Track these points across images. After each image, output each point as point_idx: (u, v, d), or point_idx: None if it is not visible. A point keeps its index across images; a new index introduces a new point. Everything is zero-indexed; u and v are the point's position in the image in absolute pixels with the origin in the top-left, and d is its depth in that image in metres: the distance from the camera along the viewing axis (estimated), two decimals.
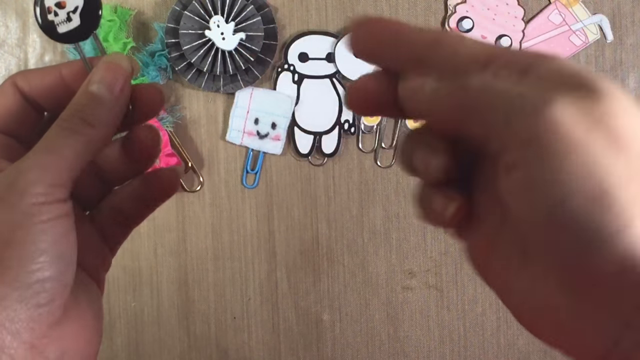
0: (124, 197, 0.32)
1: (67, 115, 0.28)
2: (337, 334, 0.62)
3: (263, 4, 0.58)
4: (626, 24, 0.60)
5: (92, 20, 0.29)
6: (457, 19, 0.59)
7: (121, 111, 0.29)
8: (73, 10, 0.29)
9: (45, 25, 0.29)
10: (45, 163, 0.26)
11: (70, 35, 0.30)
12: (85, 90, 0.28)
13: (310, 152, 0.61)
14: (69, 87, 0.30)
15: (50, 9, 0.29)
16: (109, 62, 0.29)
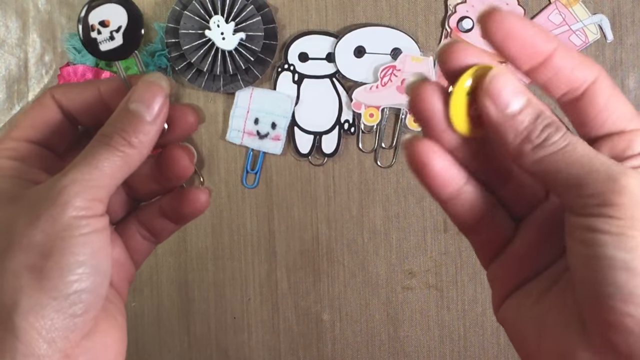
0: (152, 213, 0.33)
1: (108, 132, 0.28)
2: (337, 334, 0.62)
3: (263, 4, 0.58)
4: (626, 24, 0.60)
5: (134, 40, 0.30)
6: (457, 18, 0.59)
7: (159, 130, 0.29)
8: (116, 29, 0.30)
9: (88, 42, 0.30)
10: (86, 178, 0.27)
11: (111, 53, 0.30)
12: (124, 108, 0.29)
13: (310, 152, 0.61)
14: (106, 104, 0.31)
15: (93, 27, 0.30)
16: (148, 82, 0.29)
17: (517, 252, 0.27)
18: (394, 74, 0.60)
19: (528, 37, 0.24)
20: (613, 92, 0.25)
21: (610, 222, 0.21)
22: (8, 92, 0.60)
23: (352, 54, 0.60)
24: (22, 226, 0.26)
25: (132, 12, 0.30)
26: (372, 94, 0.60)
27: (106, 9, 0.30)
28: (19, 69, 0.60)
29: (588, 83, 0.25)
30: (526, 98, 0.24)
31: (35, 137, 0.30)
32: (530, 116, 0.24)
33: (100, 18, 0.30)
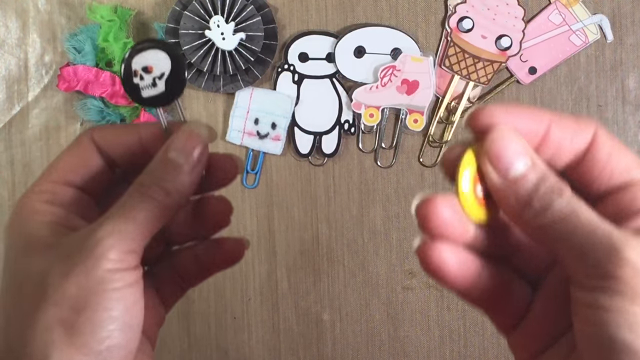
0: (186, 259, 0.33)
1: (145, 181, 0.28)
2: (337, 334, 0.62)
3: (263, 4, 0.58)
4: (626, 24, 0.60)
5: (177, 88, 0.30)
6: (457, 19, 0.59)
7: (197, 180, 0.29)
8: (159, 76, 0.29)
9: (130, 87, 0.29)
10: (122, 229, 0.26)
11: (153, 100, 0.30)
12: (164, 156, 0.28)
13: (311, 152, 0.61)
14: (146, 148, 0.30)
15: (136, 72, 0.29)
16: (188, 130, 0.29)
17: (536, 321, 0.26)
18: (394, 74, 0.60)
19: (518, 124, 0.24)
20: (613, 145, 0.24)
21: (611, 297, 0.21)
22: (8, 92, 0.60)
23: (352, 54, 0.60)
24: (57, 278, 0.26)
25: (176, 60, 0.29)
26: (372, 94, 0.60)
27: (150, 55, 0.29)
28: (19, 69, 0.60)
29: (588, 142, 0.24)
30: (530, 159, 0.24)
31: (73, 180, 0.30)
32: (533, 180, 0.23)
33: (144, 64, 0.29)
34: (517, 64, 0.60)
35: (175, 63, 0.29)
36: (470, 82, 0.60)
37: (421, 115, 0.60)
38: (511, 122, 0.24)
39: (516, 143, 0.24)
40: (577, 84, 0.61)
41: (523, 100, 0.61)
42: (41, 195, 0.29)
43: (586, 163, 0.25)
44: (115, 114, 0.58)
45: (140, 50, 0.29)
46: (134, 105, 0.58)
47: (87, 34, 0.58)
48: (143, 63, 0.29)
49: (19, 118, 0.60)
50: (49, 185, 0.29)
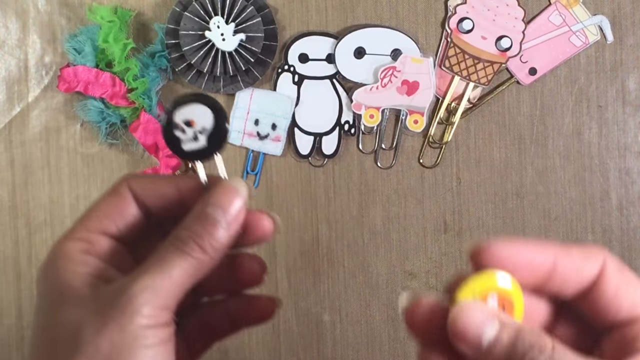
0: (216, 312, 0.32)
1: (182, 236, 0.28)
2: (338, 335, 0.62)
3: (263, 5, 0.58)
4: (626, 25, 0.60)
5: (218, 143, 0.29)
6: (457, 19, 0.59)
7: (234, 236, 0.29)
8: (201, 130, 0.29)
9: (170, 139, 0.29)
10: (156, 285, 0.26)
11: (194, 153, 0.30)
12: (201, 211, 0.28)
13: (311, 153, 0.61)
14: (183, 200, 0.30)
15: (178, 125, 0.29)
16: (227, 186, 0.29)
17: None
18: (394, 74, 0.60)
19: (523, 258, 0.24)
20: (622, 277, 0.24)
21: None
22: (8, 93, 0.60)
23: (352, 55, 0.60)
24: (90, 332, 0.26)
25: (219, 116, 0.29)
26: (372, 95, 0.60)
27: (193, 109, 0.29)
28: (19, 70, 0.60)
29: (595, 274, 0.24)
30: (498, 323, 0.23)
31: (110, 229, 0.30)
32: (506, 344, 0.23)
33: (186, 117, 0.29)
34: (517, 64, 0.60)
35: (217, 118, 0.29)
36: (471, 82, 0.60)
37: (421, 116, 0.60)
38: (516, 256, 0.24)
39: (479, 311, 0.23)
40: (577, 85, 0.61)
41: (523, 101, 0.61)
42: (77, 243, 0.29)
43: (594, 294, 0.24)
44: (115, 115, 0.58)
45: (184, 104, 0.29)
46: (134, 106, 0.58)
47: (87, 34, 0.58)
48: (186, 116, 0.29)
49: (19, 119, 0.60)
50: (86, 234, 0.29)
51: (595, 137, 0.61)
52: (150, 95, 0.58)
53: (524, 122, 0.61)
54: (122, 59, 0.57)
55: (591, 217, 0.61)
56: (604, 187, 0.61)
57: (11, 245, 0.61)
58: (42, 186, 0.61)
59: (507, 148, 0.61)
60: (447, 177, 0.61)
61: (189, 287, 0.28)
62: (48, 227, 0.61)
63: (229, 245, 0.29)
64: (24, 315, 0.61)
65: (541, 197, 0.61)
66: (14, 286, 0.61)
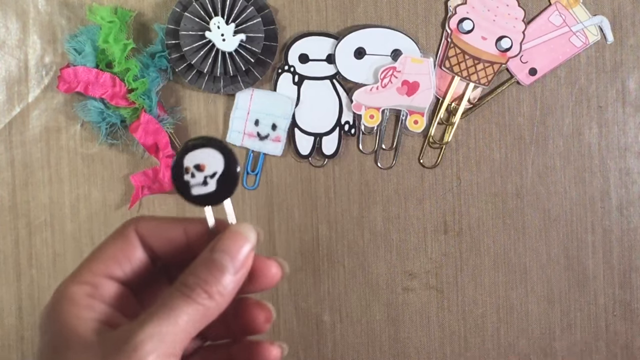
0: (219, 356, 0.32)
1: (189, 282, 0.27)
2: (338, 335, 0.62)
3: (263, 5, 0.58)
4: (626, 25, 0.60)
5: (228, 188, 0.29)
6: (457, 20, 0.59)
7: (241, 282, 0.28)
8: (211, 175, 0.29)
9: (179, 183, 0.29)
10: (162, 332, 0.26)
11: (203, 198, 0.29)
12: (209, 257, 0.28)
13: (311, 153, 0.61)
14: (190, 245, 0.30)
15: (188, 169, 0.28)
16: (235, 232, 0.28)
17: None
18: (394, 75, 0.60)
19: None
20: None
21: None
22: (8, 94, 0.60)
23: (352, 55, 0.60)
24: None
25: (230, 161, 0.29)
26: (373, 95, 0.60)
27: (204, 153, 0.28)
28: (19, 71, 0.60)
29: None
30: None
31: (115, 273, 0.29)
32: None
33: (197, 161, 0.28)
34: (518, 65, 0.60)
35: (228, 163, 0.29)
36: (471, 83, 0.60)
37: (421, 117, 0.60)
38: None
39: None
40: (577, 85, 0.61)
41: (523, 101, 0.61)
42: (82, 287, 0.28)
43: None
44: (115, 115, 0.58)
45: (194, 148, 0.28)
46: (134, 106, 0.58)
47: (88, 35, 0.58)
48: (196, 160, 0.28)
49: (19, 119, 0.60)
50: (91, 277, 0.29)
51: (595, 137, 0.61)
52: (150, 96, 0.58)
53: (524, 123, 0.61)
54: (122, 60, 0.57)
55: (591, 218, 0.61)
56: (604, 188, 0.61)
57: (11, 245, 0.61)
58: (42, 186, 0.61)
59: (507, 148, 0.61)
60: (447, 177, 0.61)
61: (195, 333, 0.28)
62: (48, 227, 0.61)
63: (235, 292, 0.29)
64: (24, 315, 0.61)
65: (541, 197, 0.61)
66: (14, 286, 0.61)
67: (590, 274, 0.61)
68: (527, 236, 0.61)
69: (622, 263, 0.61)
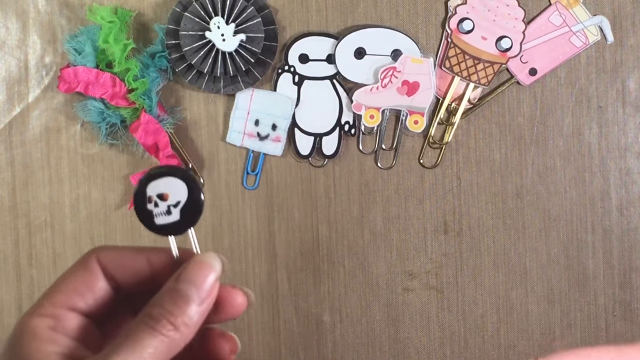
0: None
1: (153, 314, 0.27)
2: (338, 335, 0.62)
3: (263, 5, 0.58)
4: (627, 25, 0.60)
5: (191, 217, 0.29)
6: (457, 20, 0.59)
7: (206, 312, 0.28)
8: (174, 204, 0.28)
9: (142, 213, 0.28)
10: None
11: (166, 228, 0.29)
12: (173, 287, 0.28)
13: (311, 154, 0.61)
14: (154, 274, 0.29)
15: (151, 199, 0.28)
16: (200, 262, 0.28)
17: None
18: (395, 75, 0.60)
19: None
20: None
21: None
22: (8, 94, 0.60)
23: (352, 56, 0.60)
24: None
25: (193, 190, 0.28)
26: (373, 95, 0.60)
27: (167, 182, 0.28)
28: (19, 71, 0.60)
29: None
30: None
31: (77, 305, 0.29)
32: None
33: (159, 191, 0.28)
34: (518, 65, 0.60)
35: (192, 192, 0.28)
36: (471, 83, 0.60)
37: (421, 117, 0.60)
38: None
39: None
40: (577, 85, 0.61)
41: (523, 101, 0.61)
42: (44, 320, 0.28)
43: None
44: (115, 115, 0.58)
45: (157, 177, 0.28)
46: (134, 106, 0.58)
47: (88, 35, 0.58)
48: (159, 190, 0.28)
49: (19, 119, 0.60)
50: (52, 309, 0.28)
51: (595, 137, 0.61)
52: (150, 96, 0.58)
53: (524, 123, 0.61)
54: (122, 60, 0.57)
55: (591, 218, 0.61)
56: (604, 188, 0.61)
57: (11, 245, 0.61)
58: (42, 186, 0.61)
59: (507, 148, 0.61)
60: (447, 177, 0.61)
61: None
62: (48, 227, 0.61)
63: (200, 323, 0.28)
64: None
65: (541, 197, 0.61)
66: (14, 286, 0.61)
67: (590, 274, 0.61)
68: (527, 236, 0.61)
69: (622, 263, 0.61)
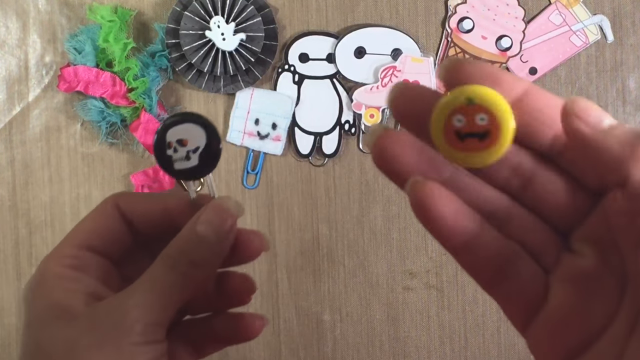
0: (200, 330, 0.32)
1: (173, 253, 0.28)
2: (338, 335, 0.62)
3: (263, 5, 0.58)
4: (627, 25, 0.60)
5: (210, 163, 0.29)
6: (457, 19, 0.59)
7: (224, 254, 0.29)
8: (194, 149, 0.29)
9: (162, 158, 0.29)
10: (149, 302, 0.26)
11: (185, 173, 0.29)
12: (192, 229, 0.28)
13: (311, 153, 0.61)
14: (172, 219, 0.30)
15: (170, 144, 0.29)
16: (218, 204, 0.29)
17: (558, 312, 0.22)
18: (395, 74, 0.60)
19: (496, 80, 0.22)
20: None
21: None
22: (8, 93, 0.60)
23: (352, 55, 0.60)
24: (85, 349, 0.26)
25: (212, 136, 0.29)
26: (373, 94, 0.60)
27: (186, 128, 0.29)
28: (19, 70, 0.60)
29: None
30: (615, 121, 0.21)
31: (96, 245, 0.30)
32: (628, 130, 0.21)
33: (179, 136, 0.29)
34: (518, 64, 0.60)
35: (210, 138, 0.29)
36: None
37: None
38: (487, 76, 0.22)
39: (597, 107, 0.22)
40: (577, 85, 0.61)
41: None
42: (64, 259, 0.29)
43: None
44: (115, 115, 0.58)
45: (176, 123, 0.29)
46: (135, 106, 0.58)
47: (88, 34, 0.58)
48: (178, 135, 0.29)
49: (20, 118, 0.60)
50: (72, 250, 0.29)
51: None
52: (150, 95, 0.58)
53: None
54: (122, 59, 0.57)
55: None
56: None
57: (11, 244, 0.61)
58: (43, 186, 0.61)
59: None
60: None
61: (181, 304, 0.28)
62: (48, 226, 0.61)
63: (219, 263, 0.29)
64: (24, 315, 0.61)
65: None
66: (14, 285, 0.61)
67: None
68: None
69: None
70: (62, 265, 0.28)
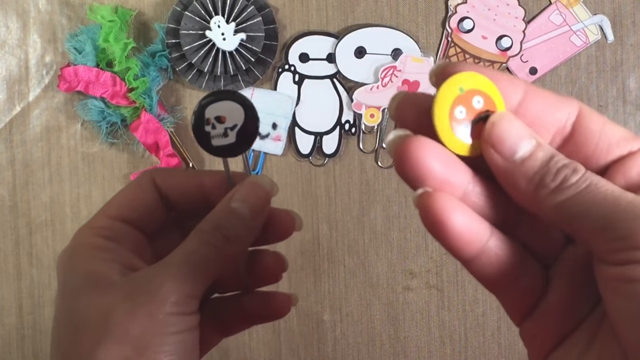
0: (229, 308, 0.33)
1: (208, 228, 0.28)
2: (338, 335, 0.62)
3: (264, 5, 0.58)
4: (627, 25, 0.60)
5: (247, 141, 0.29)
6: (457, 19, 0.59)
7: (258, 231, 0.29)
8: (231, 127, 0.29)
9: (200, 134, 0.29)
10: (184, 274, 0.27)
11: (222, 149, 0.29)
12: (227, 205, 0.29)
13: (311, 153, 0.61)
14: (207, 195, 0.31)
15: (209, 121, 0.29)
16: (253, 182, 0.29)
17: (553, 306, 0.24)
18: (395, 74, 0.60)
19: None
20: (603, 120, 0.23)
21: None
22: (9, 93, 0.60)
23: (352, 55, 0.60)
24: (120, 317, 0.26)
25: (250, 114, 0.29)
26: (373, 94, 0.60)
27: (225, 106, 0.29)
28: (19, 70, 0.60)
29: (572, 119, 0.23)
30: (535, 141, 0.22)
31: (130, 217, 0.30)
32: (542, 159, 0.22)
33: (218, 113, 0.29)
34: (518, 64, 0.60)
35: (248, 116, 0.29)
36: None
37: None
38: None
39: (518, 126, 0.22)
40: (577, 85, 0.61)
41: None
42: (99, 230, 0.29)
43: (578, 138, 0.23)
44: (115, 114, 0.58)
45: (216, 100, 0.29)
46: (135, 105, 0.58)
47: (88, 34, 0.58)
48: (217, 112, 0.29)
49: (20, 118, 0.60)
50: (107, 221, 0.30)
51: None
52: (150, 95, 0.58)
53: None
54: (122, 59, 0.57)
55: None
56: None
57: (12, 244, 0.61)
58: (43, 185, 0.61)
59: None
60: None
61: (214, 278, 0.28)
62: (49, 226, 0.61)
63: (252, 240, 0.30)
64: (24, 314, 0.61)
65: None
66: (14, 285, 0.61)
67: None
68: None
69: None
70: (97, 235, 0.29)
